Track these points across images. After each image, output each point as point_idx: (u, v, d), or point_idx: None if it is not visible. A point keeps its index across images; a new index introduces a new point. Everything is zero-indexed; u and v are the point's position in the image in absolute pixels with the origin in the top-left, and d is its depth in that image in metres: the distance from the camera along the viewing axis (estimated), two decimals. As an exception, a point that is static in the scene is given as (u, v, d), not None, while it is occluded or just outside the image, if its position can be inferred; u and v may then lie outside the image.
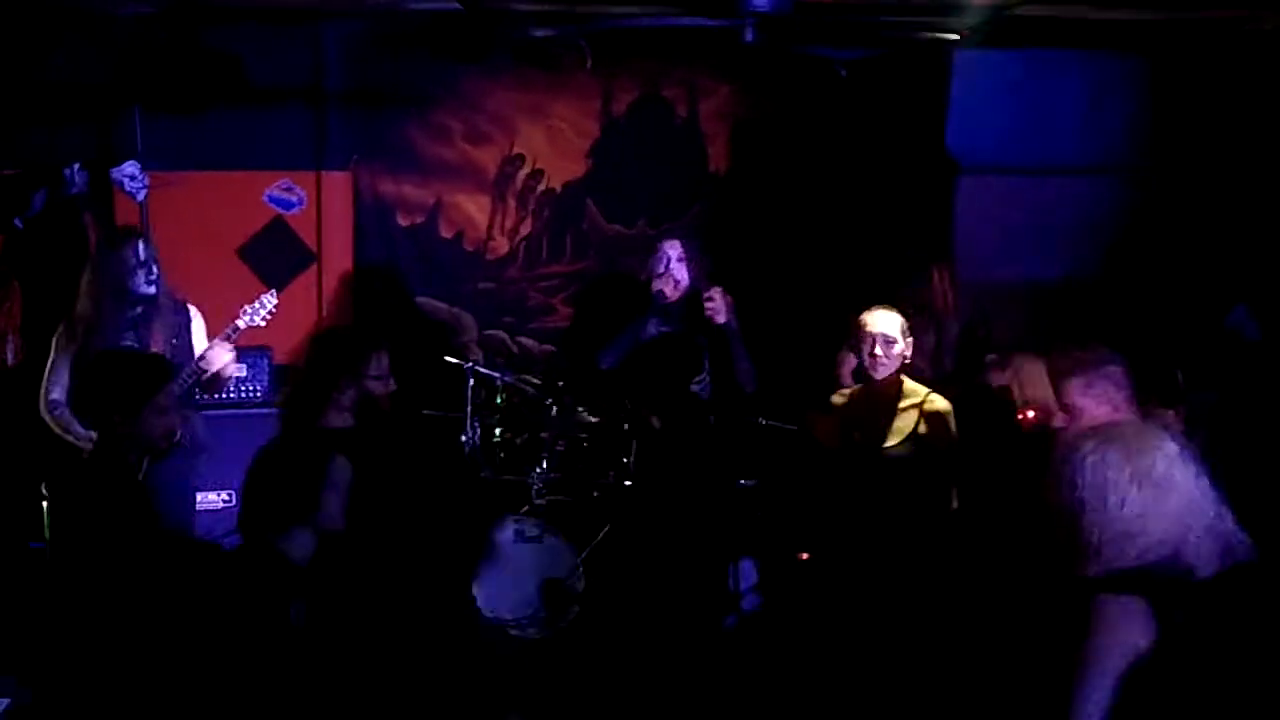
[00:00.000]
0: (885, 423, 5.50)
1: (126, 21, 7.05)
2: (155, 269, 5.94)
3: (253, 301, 6.01)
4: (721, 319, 6.32)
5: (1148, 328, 6.93)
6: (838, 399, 5.87)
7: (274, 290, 6.17)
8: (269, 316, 6.04)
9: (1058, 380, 4.80)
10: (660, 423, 6.41)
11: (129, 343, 5.85)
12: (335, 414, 4.39)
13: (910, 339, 5.59)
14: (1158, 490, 2.69)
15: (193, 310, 6.14)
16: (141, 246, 5.93)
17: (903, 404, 5.50)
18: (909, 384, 5.57)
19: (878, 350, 5.49)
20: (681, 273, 6.54)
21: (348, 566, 4.16)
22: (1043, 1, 6.26)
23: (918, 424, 5.45)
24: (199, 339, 6.07)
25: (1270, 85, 7.10)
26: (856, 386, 5.84)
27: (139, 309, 5.92)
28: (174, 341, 5.96)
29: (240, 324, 5.93)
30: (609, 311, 7.27)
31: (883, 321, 5.56)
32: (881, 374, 5.53)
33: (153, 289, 5.92)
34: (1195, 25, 6.81)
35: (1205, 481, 2.78)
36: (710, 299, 6.29)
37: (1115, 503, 2.67)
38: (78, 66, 7.19)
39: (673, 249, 6.59)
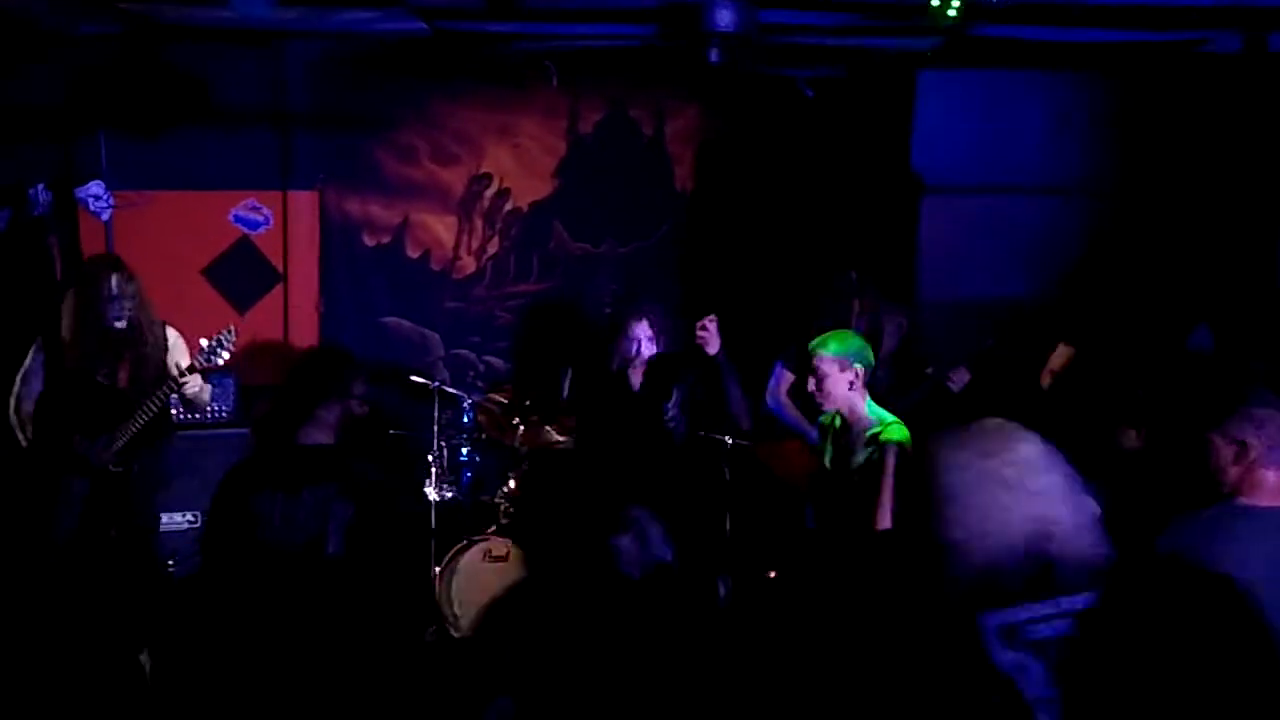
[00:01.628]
0: (848, 451, 5.40)
1: (90, 42, 7.03)
2: (128, 303, 5.83)
3: (210, 338, 5.82)
4: (713, 349, 5.99)
5: (1110, 347, 6.99)
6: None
7: (232, 325, 6.00)
8: (229, 352, 5.87)
9: None
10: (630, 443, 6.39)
11: (101, 376, 5.82)
12: (318, 432, 4.37)
13: (857, 367, 5.39)
14: (1012, 491, 2.65)
15: (172, 333, 6.08)
16: (115, 280, 5.81)
17: (868, 432, 5.35)
18: (873, 412, 5.40)
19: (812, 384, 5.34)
20: (652, 348, 6.24)
21: (342, 587, 4.15)
22: (1004, 22, 6.30)
23: (872, 453, 5.29)
24: (177, 359, 6.03)
25: (1227, 106, 7.17)
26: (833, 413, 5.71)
27: (112, 339, 5.86)
28: (146, 369, 5.92)
29: (200, 363, 5.80)
30: (565, 333, 7.29)
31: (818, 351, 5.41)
32: (826, 406, 5.39)
33: (123, 323, 5.82)
34: (1154, 47, 6.88)
35: (1072, 486, 2.73)
36: (704, 328, 5.98)
37: (973, 503, 2.65)
38: (41, 87, 7.16)
39: (642, 330, 6.23)
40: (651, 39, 6.77)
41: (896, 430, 5.24)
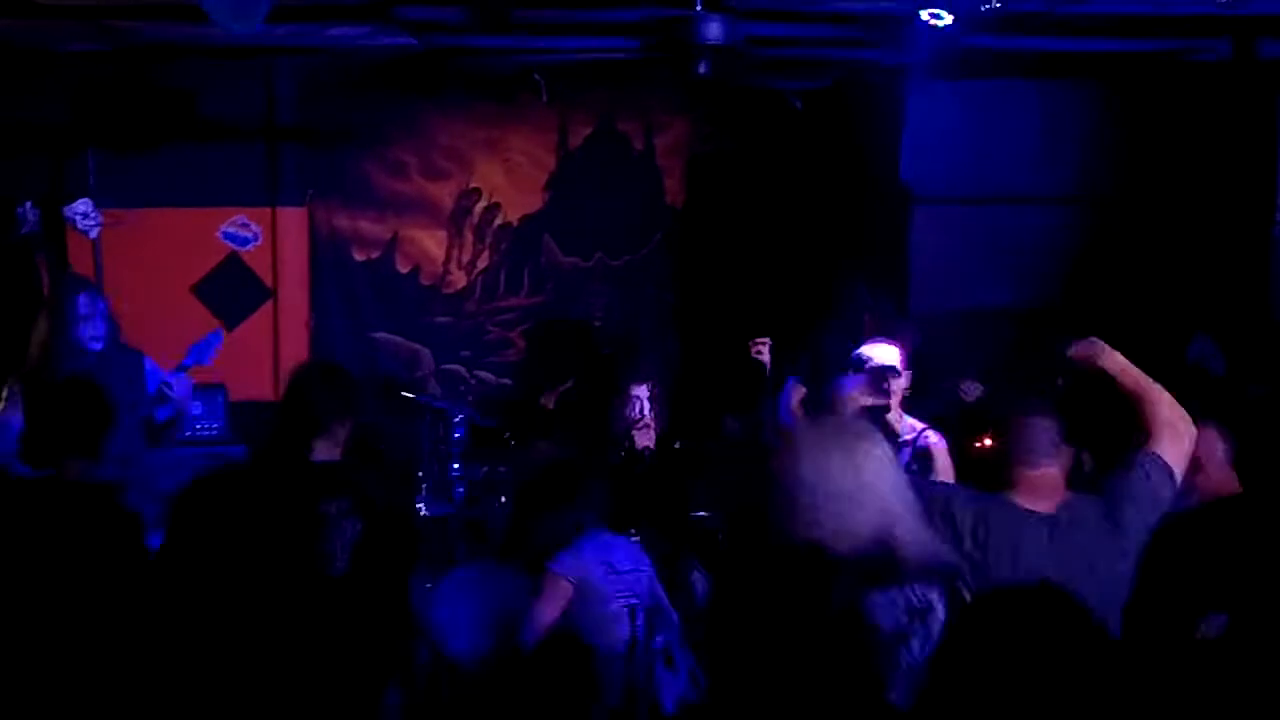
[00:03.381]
0: None
1: (78, 60, 7.02)
2: (101, 323, 5.63)
3: (197, 341, 5.70)
4: (766, 359, 6.09)
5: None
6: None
7: (220, 328, 5.99)
8: (216, 355, 5.82)
9: None
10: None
11: None
12: (330, 448, 4.33)
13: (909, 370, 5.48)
14: (863, 489, 2.85)
15: (147, 360, 5.99)
16: (85, 299, 5.63)
17: (900, 438, 5.37)
18: (906, 419, 5.44)
19: (884, 384, 5.40)
20: (651, 417, 6.40)
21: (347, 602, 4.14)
22: (995, 32, 6.30)
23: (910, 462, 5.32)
24: (159, 384, 5.93)
25: (1217, 114, 7.18)
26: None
27: (85, 361, 5.75)
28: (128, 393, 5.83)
29: (187, 364, 5.65)
30: (564, 347, 7.27)
31: (883, 354, 5.47)
32: (889, 414, 5.43)
33: (98, 344, 5.61)
34: (1144, 56, 6.89)
35: (910, 484, 3.01)
36: (762, 342, 6.07)
37: (830, 501, 2.83)
38: (29, 105, 7.15)
39: (642, 391, 6.41)
40: (640, 52, 6.77)
41: (933, 435, 5.29)
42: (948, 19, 5.51)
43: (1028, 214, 7.43)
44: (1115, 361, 4.04)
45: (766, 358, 6.08)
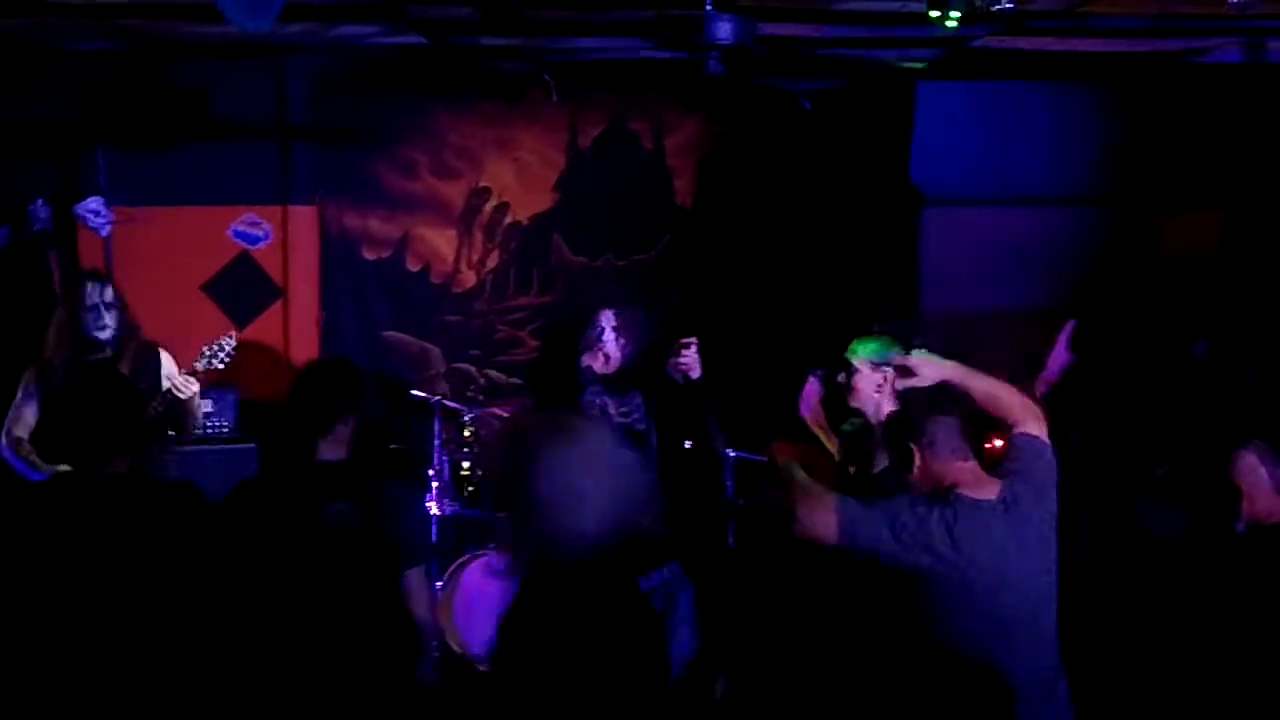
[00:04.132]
0: (868, 458, 5.42)
1: (90, 58, 7.03)
2: (112, 314, 5.71)
3: (210, 343, 5.74)
4: (696, 374, 5.74)
5: (1114, 358, 6.99)
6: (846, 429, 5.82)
7: (233, 331, 6.00)
8: (228, 359, 5.84)
9: None
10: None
11: None
12: (335, 447, 4.34)
13: (887, 371, 5.48)
14: (597, 477, 3.00)
15: (163, 354, 6.02)
16: (92, 289, 5.71)
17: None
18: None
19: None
20: (613, 347, 5.90)
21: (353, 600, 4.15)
22: (1006, 33, 6.30)
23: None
24: (170, 379, 5.95)
25: (1227, 116, 7.17)
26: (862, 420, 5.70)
27: (97, 354, 5.80)
28: (139, 385, 5.85)
29: (199, 366, 5.70)
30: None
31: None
32: (851, 403, 5.47)
33: (107, 333, 5.70)
34: (1156, 57, 6.88)
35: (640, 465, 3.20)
36: (687, 346, 5.74)
37: (569, 491, 2.96)
38: (41, 103, 7.15)
39: (608, 319, 5.95)
40: (651, 52, 6.77)
41: None
42: (958, 20, 5.50)
43: (1038, 216, 7.43)
44: (954, 370, 4.24)
45: (692, 358, 5.82)
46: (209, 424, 7.00)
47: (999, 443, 5.64)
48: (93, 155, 7.17)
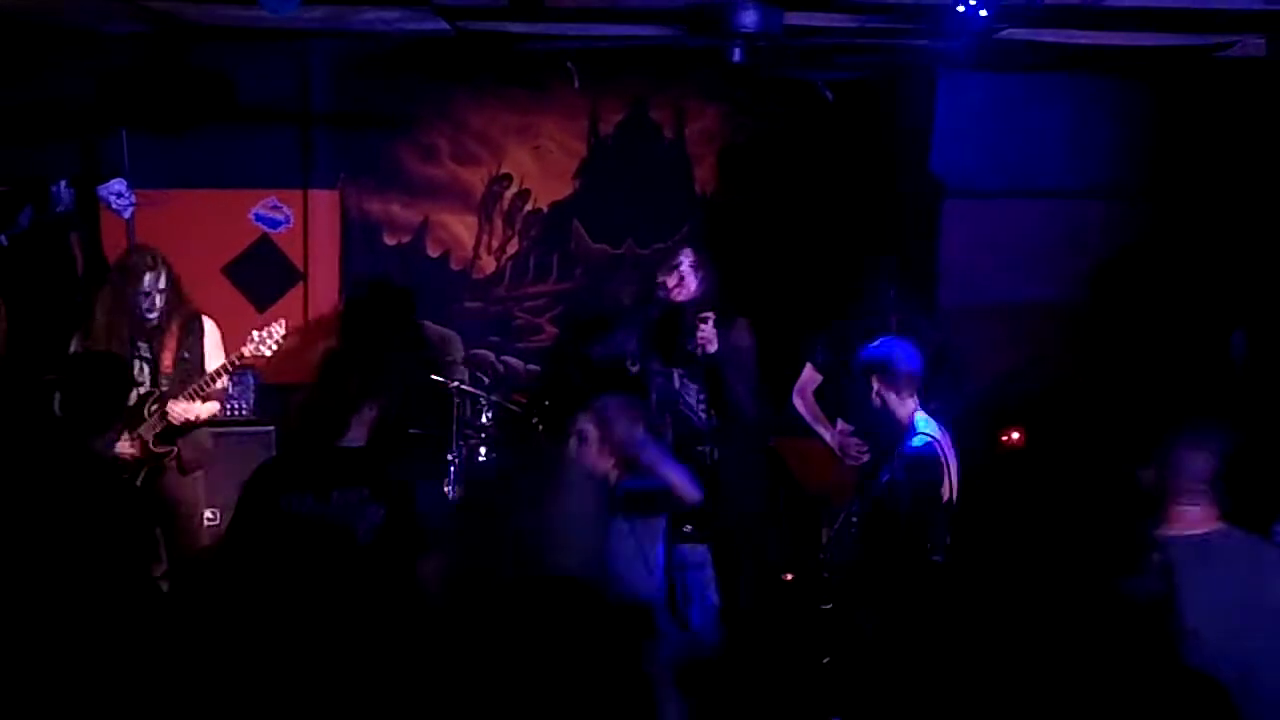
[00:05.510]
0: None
1: (114, 40, 7.06)
2: (162, 297, 5.95)
3: (260, 329, 6.08)
4: (713, 348, 6.09)
5: (1137, 352, 6.97)
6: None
7: (282, 320, 6.19)
8: (277, 345, 6.10)
9: None
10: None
11: (142, 354, 5.96)
12: (357, 432, 4.35)
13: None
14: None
15: (208, 323, 6.14)
16: (149, 277, 5.93)
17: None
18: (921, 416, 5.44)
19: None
20: (691, 278, 6.30)
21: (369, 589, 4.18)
22: (1029, 25, 6.28)
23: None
24: (211, 352, 6.09)
25: (1252, 109, 7.14)
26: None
27: (147, 329, 5.97)
28: (185, 355, 6.00)
29: (246, 352, 6.03)
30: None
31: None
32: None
33: (154, 316, 5.93)
34: (1178, 50, 6.85)
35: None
36: (704, 321, 6.08)
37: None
38: (65, 85, 7.20)
39: (686, 255, 6.38)
40: (674, 39, 6.76)
41: (918, 439, 5.27)
42: (984, 11, 5.49)
43: (1058, 208, 7.40)
44: None
45: (710, 333, 6.03)
46: (228, 405, 7.03)
47: (1015, 436, 5.65)
48: (116, 137, 7.19)
